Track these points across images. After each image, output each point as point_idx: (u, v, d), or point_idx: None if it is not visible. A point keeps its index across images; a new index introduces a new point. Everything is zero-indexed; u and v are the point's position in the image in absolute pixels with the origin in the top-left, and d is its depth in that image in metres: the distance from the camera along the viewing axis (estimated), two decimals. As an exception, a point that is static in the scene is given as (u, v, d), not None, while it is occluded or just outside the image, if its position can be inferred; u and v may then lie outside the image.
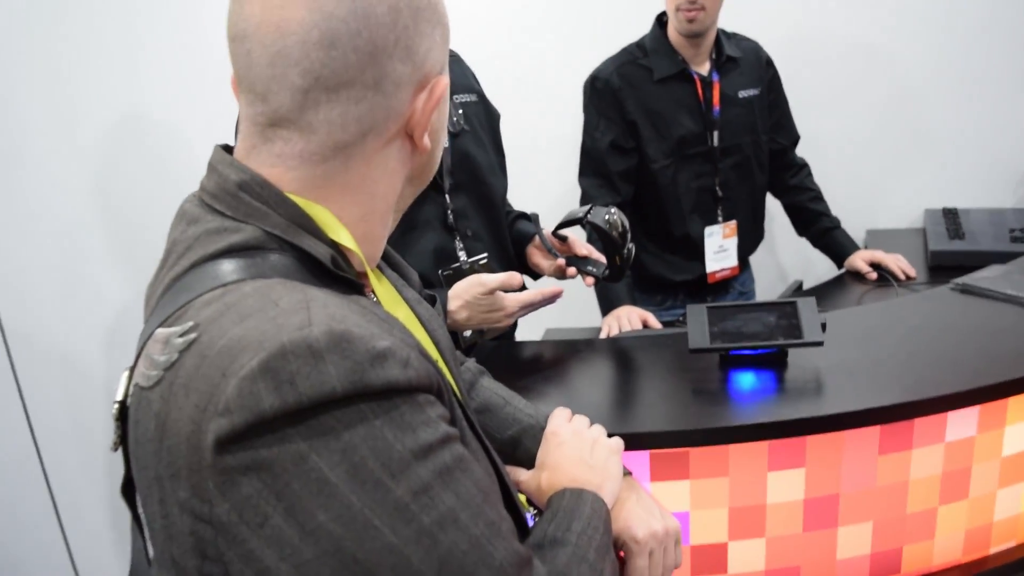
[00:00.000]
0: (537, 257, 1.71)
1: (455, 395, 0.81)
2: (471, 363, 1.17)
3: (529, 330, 1.97)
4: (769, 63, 2.33)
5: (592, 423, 1.07)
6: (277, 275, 0.68)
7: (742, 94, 2.23)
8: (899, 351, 1.46)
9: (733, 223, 2.27)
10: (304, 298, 0.64)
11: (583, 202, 2.22)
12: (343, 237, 0.73)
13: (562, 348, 1.60)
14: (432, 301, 1.04)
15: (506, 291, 1.45)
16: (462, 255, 1.58)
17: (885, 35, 2.66)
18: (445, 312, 1.46)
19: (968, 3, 2.61)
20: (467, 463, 0.67)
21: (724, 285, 2.34)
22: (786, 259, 2.85)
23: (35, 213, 2.07)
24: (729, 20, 2.29)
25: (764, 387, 1.39)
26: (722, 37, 2.23)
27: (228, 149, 0.77)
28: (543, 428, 1.06)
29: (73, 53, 2.06)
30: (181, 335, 0.63)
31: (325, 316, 0.62)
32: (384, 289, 0.89)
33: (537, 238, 1.69)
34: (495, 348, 1.61)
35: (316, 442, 0.59)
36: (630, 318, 1.93)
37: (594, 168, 2.21)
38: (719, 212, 2.25)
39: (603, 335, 1.89)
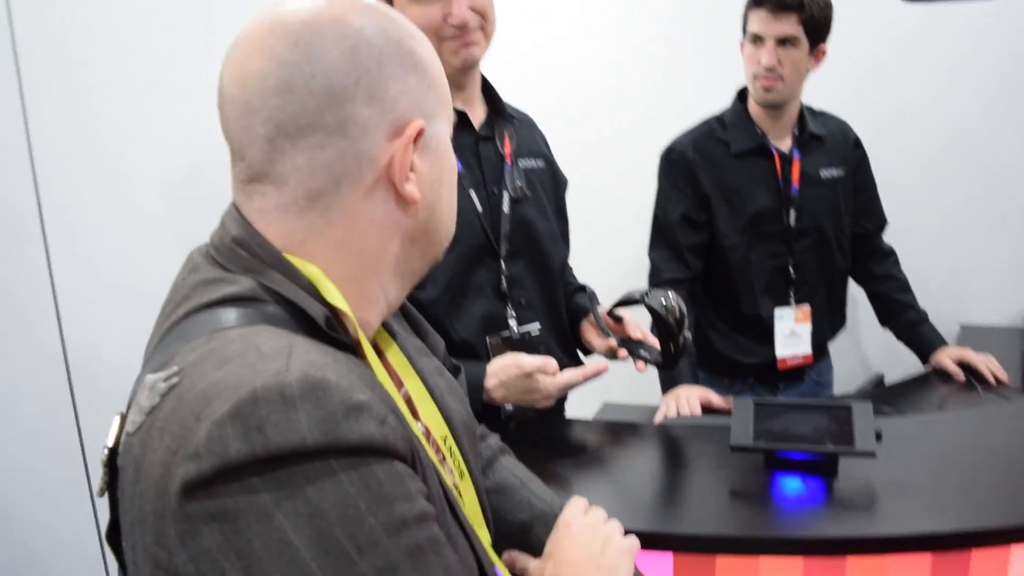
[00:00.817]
0: (590, 334, 1.65)
1: (439, 473, 0.78)
2: (493, 440, 1.14)
3: (584, 403, 1.91)
4: (857, 144, 2.23)
5: (612, 516, 1.02)
6: (279, 325, 0.67)
7: (824, 173, 2.15)
8: (966, 470, 1.34)
9: (807, 307, 2.16)
10: (287, 344, 0.63)
11: (652, 275, 2.17)
12: (335, 298, 0.72)
13: (602, 430, 1.54)
14: (456, 372, 1.02)
15: (545, 374, 1.41)
16: (512, 323, 1.55)
17: (987, 117, 2.52)
18: (480, 385, 1.43)
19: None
20: (440, 546, 0.65)
21: (798, 373, 2.22)
22: (871, 349, 2.70)
23: (103, 248, 2.18)
24: (818, 98, 2.22)
25: (808, 496, 1.29)
26: (806, 113, 2.15)
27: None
28: (556, 516, 1.02)
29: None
30: (165, 380, 0.63)
31: (304, 363, 0.60)
32: (394, 356, 0.87)
33: (592, 315, 1.64)
34: (536, 422, 1.57)
35: (283, 498, 0.57)
36: (689, 399, 1.86)
37: (664, 240, 2.16)
38: (791, 294, 2.15)
39: (658, 416, 1.82)
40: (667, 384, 2.00)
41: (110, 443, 0.68)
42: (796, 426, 1.35)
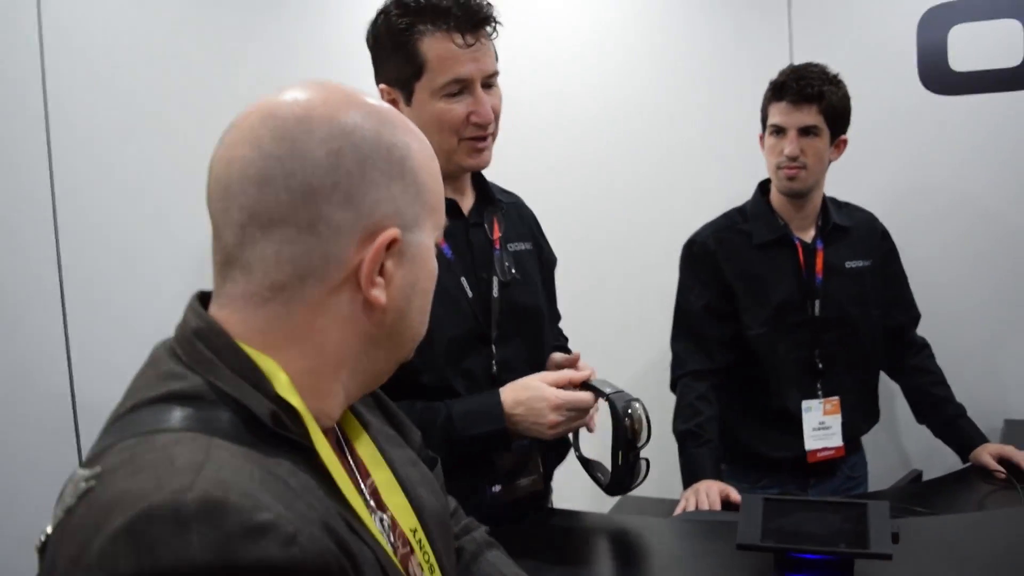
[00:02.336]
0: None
1: (398, 569, 0.75)
2: (480, 533, 1.11)
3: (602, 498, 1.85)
4: (885, 235, 2.20)
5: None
6: (215, 429, 0.67)
7: (849, 264, 2.11)
8: (992, 575, 1.25)
9: (835, 399, 2.09)
10: (203, 459, 0.62)
11: (674, 365, 2.13)
12: (287, 392, 0.71)
13: (605, 524, 1.48)
14: (432, 463, 1.00)
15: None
16: None
17: (1021, 204, 2.46)
18: (500, 411, 1.42)
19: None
20: None
21: (830, 468, 2.14)
22: (910, 444, 2.59)
23: (117, 289, 2.25)
24: (847, 190, 2.21)
25: (819, 600, 1.22)
26: (830, 205, 2.14)
27: (204, 295, 0.79)
28: None
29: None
30: (86, 480, 0.64)
31: (211, 481, 0.60)
32: (363, 446, 0.86)
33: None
34: (539, 518, 1.52)
35: None
36: (709, 493, 1.79)
37: (687, 331, 2.13)
38: (819, 387, 2.08)
39: (678, 510, 1.76)
40: (689, 478, 1.94)
41: (49, 530, 0.68)
42: (808, 525, 1.28)
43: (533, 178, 1.75)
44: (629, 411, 1.40)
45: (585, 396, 1.42)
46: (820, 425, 2.08)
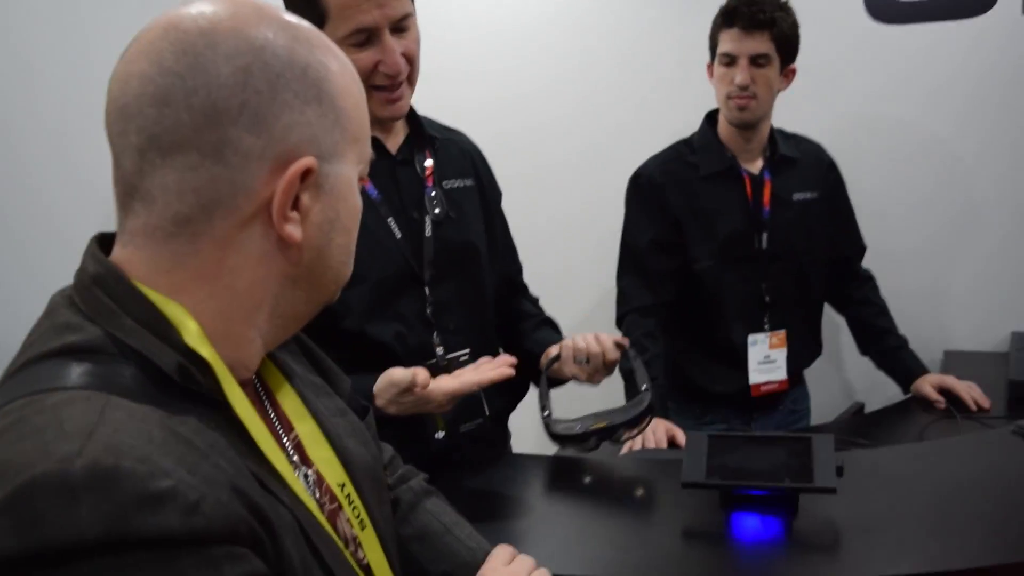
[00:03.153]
0: (568, 365, 1.52)
1: (323, 528, 0.71)
2: (417, 481, 1.07)
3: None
4: (832, 167, 2.18)
5: (550, 561, 0.95)
6: (114, 386, 0.61)
7: (797, 196, 2.10)
8: (937, 506, 1.26)
9: (782, 332, 2.09)
10: (95, 421, 0.56)
11: (620, 302, 2.11)
12: (196, 341, 0.65)
13: (549, 465, 1.46)
14: (363, 412, 0.95)
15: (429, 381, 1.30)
16: (439, 351, 1.48)
17: (970, 140, 2.46)
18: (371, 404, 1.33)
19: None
20: None
21: (773, 402, 2.15)
22: (852, 376, 2.62)
23: None
24: (795, 121, 2.17)
25: (765, 536, 1.21)
26: (777, 136, 2.11)
27: (106, 237, 0.72)
28: (480, 565, 0.95)
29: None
30: None
31: (102, 446, 0.54)
32: (286, 397, 0.81)
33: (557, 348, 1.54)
34: (483, 458, 1.49)
35: None
36: (655, 432, 1.78)
37: (633, 266, 2.10)
38: (766, 320, 2.08)
39: (624, 449, 1.75)
40: None
41: None
42: (752, 461, 1.27)
43: (471, 113, 1.67)
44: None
45: (469, 381, 1.32)
46: (765, 359, 2.08)
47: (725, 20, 1.98)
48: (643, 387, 1.43)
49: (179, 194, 0.65)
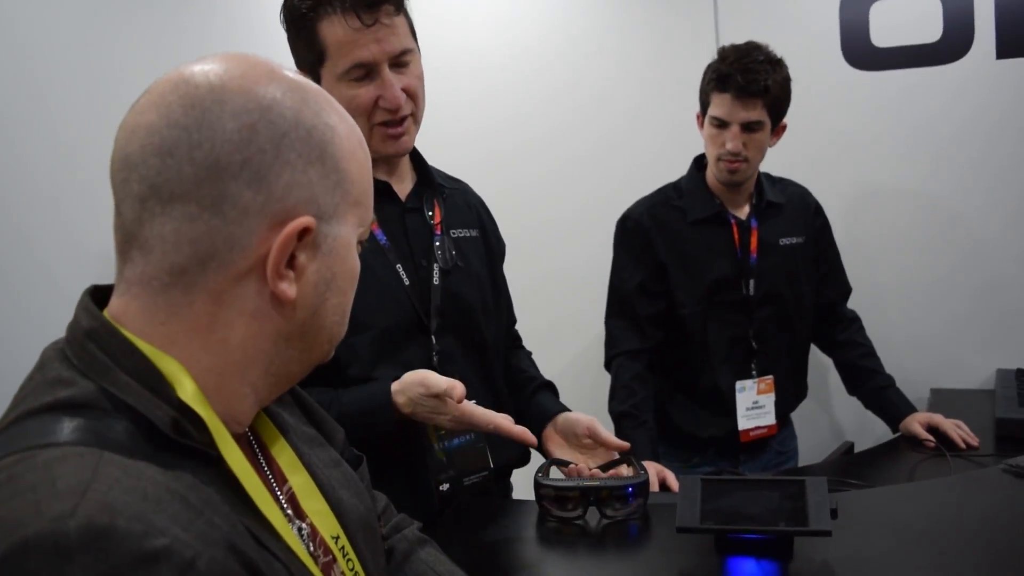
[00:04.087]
0: (555, 445, 1.53)
1: None
2: (411, 531, 1.06)
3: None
4: (819, 211, 2.21)
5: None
6: (107, 442, 0.60)
7: (783, 241, 2.12)
8: (927, 547, 1.25)
9: (770, 378, 2.10)
10: (89, 478, 0.56)
11: (608, 344, 2.12)
12: (189, 396, 0.65)
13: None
14: (357, 463, 0.94)
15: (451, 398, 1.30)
16: None
17: (951, 183, 2.51)
18: (388, 402, 1.32)
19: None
20: None
21: (760, 444, 2.15)
22: (842, 416, 2.63)
23: None
24: (782, 167, 2.21)
25: (761, 580, 1.20)
26: (764, 181, 2.13)
27: (99, 289, 0.72)
28: None
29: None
30: None
31: (96, 505, 0.53)
32: (280, 450, 0.80)
33: (565, 426, 1.53)
34: (470, 505, 1.47)
35: None
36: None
37: (620, 310, 2.11)
38: (753, 366, 2.08)
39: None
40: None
41: None
42: (746, 505, 1.27)
43: (470, 170, 1.69)
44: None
45: (491, 418, 1.32)
46: (754, 404, 2.09)
47: (719, 84, 1.95)
48: (640, 471, 1.42)
49: (176, 244, 0.66)
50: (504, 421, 1.33)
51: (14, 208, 2.43)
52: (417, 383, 1.31)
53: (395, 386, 1.33)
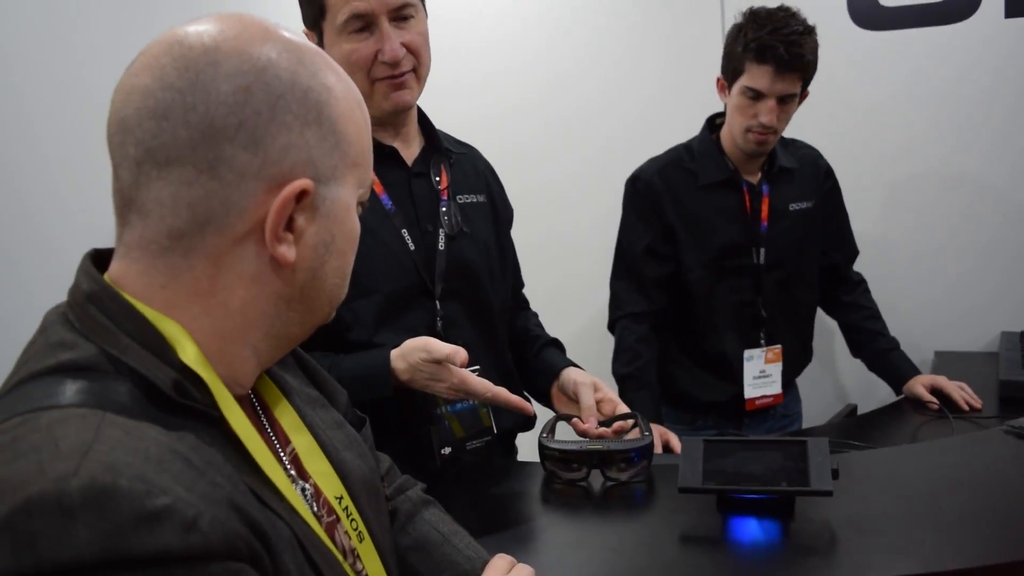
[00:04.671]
0: (562, 403, 1.56)
1: (322, 541, 0.71)
2: (415, 492, 1.07)
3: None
4: (829, 174, 2.18)
5: (547, 571, 0.95)
6: (110, 403, 0.61)
7: (793, 207, 2.09)
8: (932, 507, 1.26)
9: (778, 348, 2.09)
10: (91, 439, 0.56)
11: (613, 306, 2.11)
12: (191, 358, 0.65)
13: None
14: (360, 424, 0.95)
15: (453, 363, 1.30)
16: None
17: (956, 144, 2.48)
18: (387, 367, 1.32)
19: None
20: None
21: (765, 408, 2.15)
22: (846, 378, 2.64)
23: None
24: (788, 128, 2.18)
25: (760, 540, 1.21)
26: (777, 146, 2.07)
27: (99, 253, 0.72)
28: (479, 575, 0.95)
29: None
30: None
31: (98, 465, 0.54)
32: (283, 411, 0.81)
33: (564, 383, 1.55)
34: (473, 466, 1.49)
35: None
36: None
37: (627, 271, 2.10)
38: (762, 334, 2.07)
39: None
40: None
41: None
42: (748, 465, 1.27)
43: (468, 120, 1.68)
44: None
45: (491, 389, 1.32)
46: (760, 374, 2.09)
47: (758, 55, 1.87)
48: (645, 433, 1.43)
49: (173, 208, 0.66)
50: (502, 391, 1.33)
51: (18, 183, 2.42)
52: (419, 348, 1.31)
53: (395, 352, 1.33)
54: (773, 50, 1.84)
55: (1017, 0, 2.36)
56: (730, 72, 1.95)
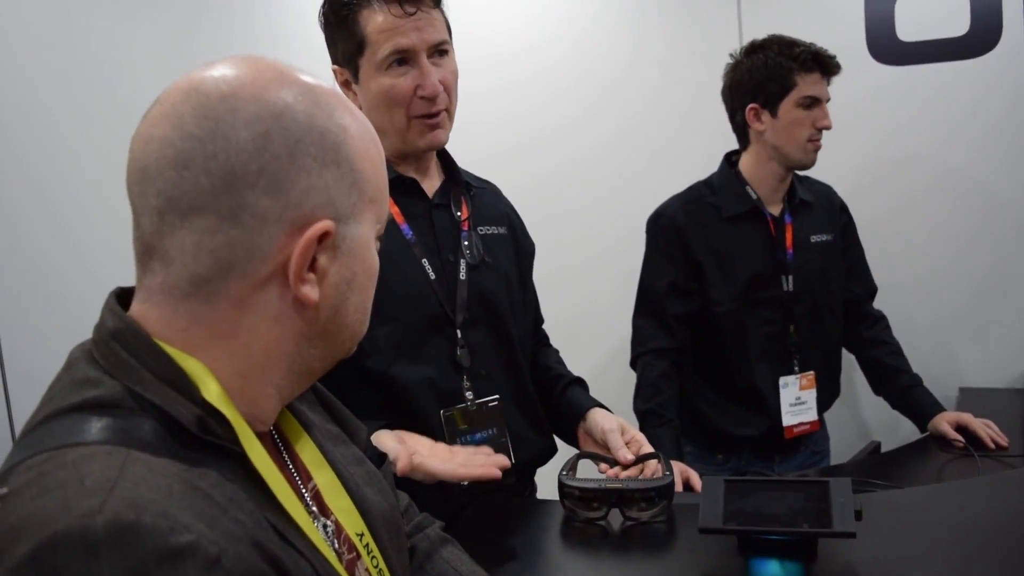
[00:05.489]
0: (589, 445, 1.55)
1: None
2: (433, 530, 1.07)
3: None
4: (843, 209, 2.20)
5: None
6: (134, 440, 0.62)
7: (814, 238, 2.11)
8: (952, 549, 1.24)
9: (811, 374, 2.09)
10: (116, 476, 0.57)
11: (635, 341, 2.10)
12: (214, 396, 0.66)
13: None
14: (380, 460, 0.95)
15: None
16: (469, 396, 1.47)
17: (977, 181, 2.47)
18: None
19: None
20: None
21: (794, 444, 2.13)
22: (868, 415, 2.61)
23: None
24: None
25: (784, 581, 1.20)
26: (794, 180, 2.11)
27: (124, 291, 0.73)
28: None
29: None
30: None
31: (123, 502, 0.54)
32: (304, 447, 0.81)
33: (591, 427, 1.53)
34: (492, 504, 1.48)
35: None
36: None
37: (650, 308, 2.10)
38: (795, 362, 2.07)
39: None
40: None
41: None
42: (770, 506, 1.26)
43: (492, 166, 1.70)
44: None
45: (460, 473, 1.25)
46: (796, 401, 2.07)
47: (804, 65, 1.98)
48: (666, 472, 1.42)
49: (196, 256, 0.67)
50: (471, 471, 1.26)
51: (52, 205, 2.46)
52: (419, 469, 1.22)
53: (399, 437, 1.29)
54: (818, 57, 1.98)
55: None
56: (776, 92, 2.00)
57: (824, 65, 1.98)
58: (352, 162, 0.71)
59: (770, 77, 2.00)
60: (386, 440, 1.26)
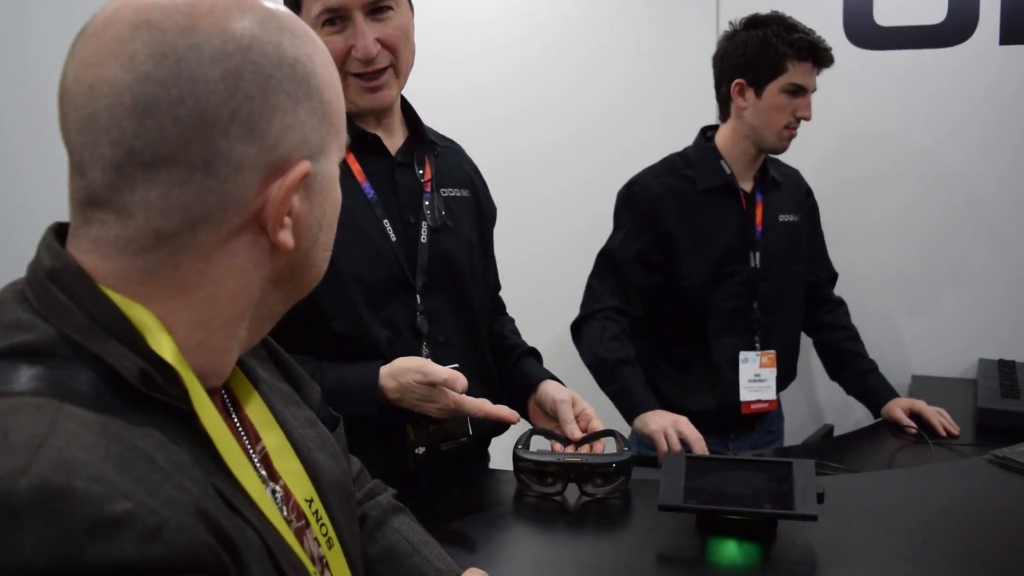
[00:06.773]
0: (539, 417, 1.50)
1: (291, 550, 0.66)
2: (385, 497, 1.02)
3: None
4: (809, 193, 2.21)
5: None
6: (68, 392, 0.55)
7: (782, 218, 2.11)
8: (910, 534, 1.23)
9: (772, 353, 2.07)
10: (45, 433, 0.50)
11: (588, 299, 2.05)
12: (164, 348, 0.59)
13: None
14: (334, 423, 0.90)
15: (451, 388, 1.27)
16: None
17: (946, 169, 2.47)
18: (375, 385, 1.28)
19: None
20: None
21: (749, 422, 2.12)
22: (823, 398, 2.62)
23: None
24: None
25: (740, 563, 1.18)
26: (767, 158, 2.10)
27: (65, 227, 0.65)
28: None
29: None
30: None
31: (52, 462, 0.48)
32: (254, 407, 0.75)
33: (542, 398, 1.49)
34: (450, 470, 1.43)
35: None
36: (676, 425, 1.77)
37: (611, 272, 2.05)
38: (756, 339, 2.06)
39: (662, 451, 1.72)
40: (630, 412, 1.88)
41: None
42: (731, 485, 1.24)
43: (466, 120, 1.64)
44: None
45: (482, 408, 1.29)
46: (756, 377, 2.06)
47: (798, 53, 1.95)
48: (624, 448, 1.38)
49: (163, 210, 0.60)
50: (493, 409, 1.30)
51: (54, 204, 2.34)
52: (414, 369, 1.28)
53: (385, 370, 1.29)
54: (814, 47, 1.95)
55: (1012, 28, 2.36)
56: (765, 74, 1.97)
57: (818, 56, 1.96)
58: (321, 93, 0.65)
59: (762, 57, 1.97)
60: (430, 365, 1.27)
